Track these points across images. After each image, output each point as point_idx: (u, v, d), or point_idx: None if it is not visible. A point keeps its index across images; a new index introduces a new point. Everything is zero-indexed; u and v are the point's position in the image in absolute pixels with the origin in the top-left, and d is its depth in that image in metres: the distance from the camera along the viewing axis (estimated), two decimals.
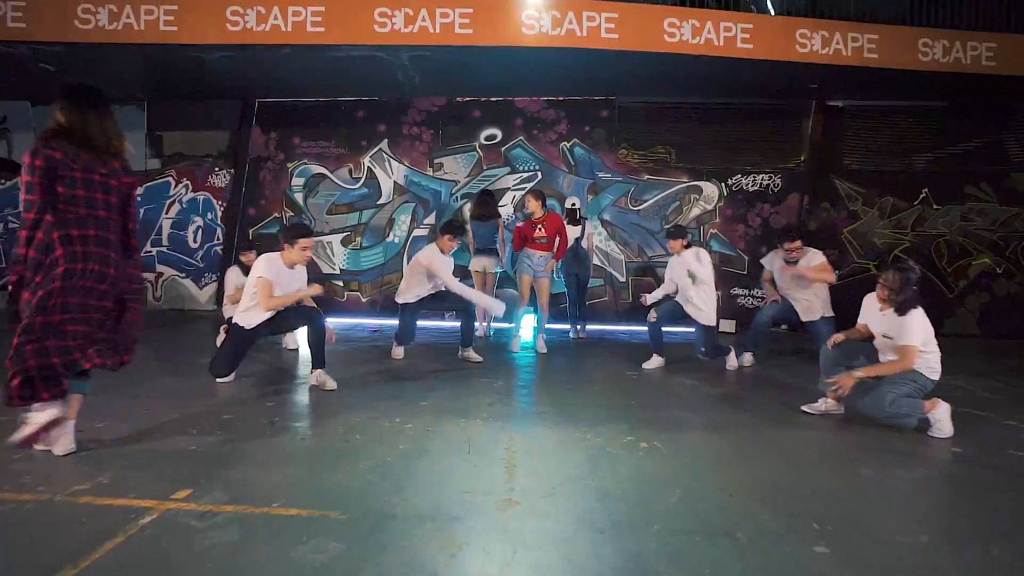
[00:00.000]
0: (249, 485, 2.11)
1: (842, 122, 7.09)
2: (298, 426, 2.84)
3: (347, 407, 3.21)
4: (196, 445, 2.52)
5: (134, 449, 2.46)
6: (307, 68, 6.24)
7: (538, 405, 3.39)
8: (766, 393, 3.79)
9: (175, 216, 7.47)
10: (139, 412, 2.99)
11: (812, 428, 3.04)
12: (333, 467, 2.31)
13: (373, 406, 3.23)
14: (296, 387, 3.70)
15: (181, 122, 7.46)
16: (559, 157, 7.16)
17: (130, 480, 2.12)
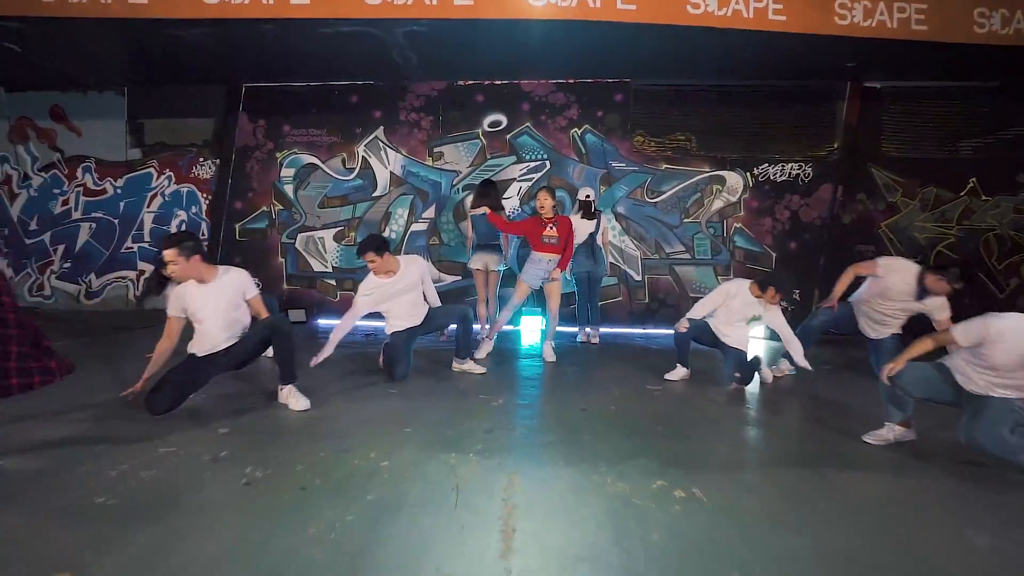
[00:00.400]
0: (151, 563, 1.58)
1: (880, 105, 6.44)
2: (247, 464, 2.31)
3: (315, 435, 2.68)
4: (108, 495, 2.00)
5: (32, 504, 1.94)
6: (295, 48, 5.70)
7: (544, 432, 2.84)
8: (817, 416, 3.21)
9: (157, 210, 6.99)
10: (60, 442, 2.48)
11: (890, 470, 2.47)
12: (274, 532, 1.78)
13: (346, 434, 2.70)
14: (261, 407, 3.17)
15: (163, 109, 6.96)
16: (569, 145, 6.58)
17: (5, 554, 1.60)
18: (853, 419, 3.07)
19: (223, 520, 1.86)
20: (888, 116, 6.46)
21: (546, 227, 4.58)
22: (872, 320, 3.99)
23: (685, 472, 2.31)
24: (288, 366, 3.19)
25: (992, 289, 6.34)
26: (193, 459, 2.33)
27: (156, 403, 2.90)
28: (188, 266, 2.97)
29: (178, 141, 6.98)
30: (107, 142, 6.98)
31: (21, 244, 7.06)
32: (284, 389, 3.20)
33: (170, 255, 2.92)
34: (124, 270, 7.02)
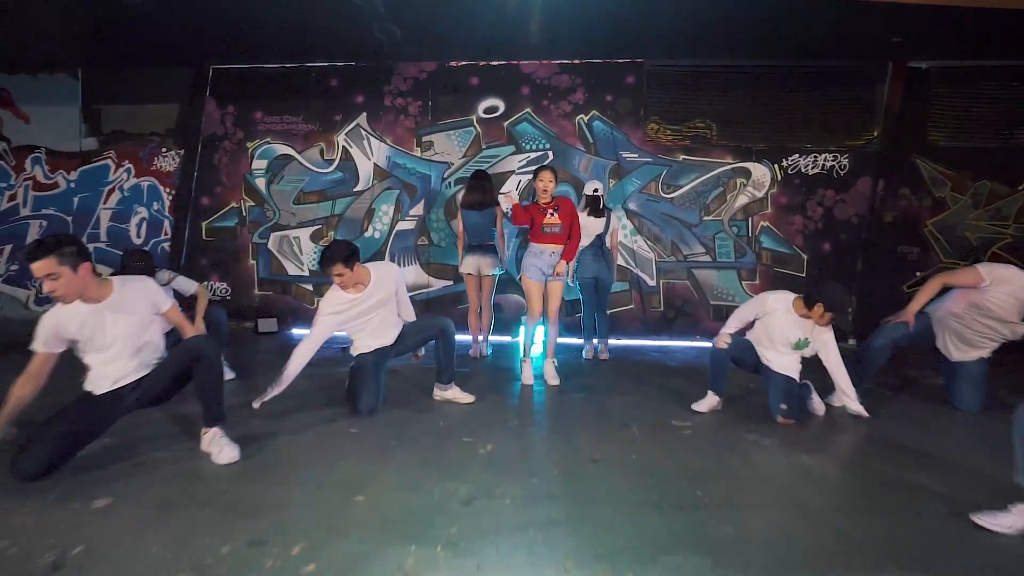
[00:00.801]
0: None
1: (926, 88, 5.68)
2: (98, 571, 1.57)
3: (226, 510, 1.95)
4: None
5: None
6: (263, 20, 4.98)
7: (546, 503, 2.11)
8: (902, 475, 2.46)
9: (115, 206, 6.26)
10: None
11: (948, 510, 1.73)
12: None
13: (272, 505, 1.98)
14: (171, 460, 2.44)
15: (123, 94, 6.24)
16: (574, 133, 5.84)
17: None
18: (949, 479, 2.34)
19: None
20: (935, 100, 5.70)
21: (546, 213, 3.87)
22: (961, 339, 3.25)
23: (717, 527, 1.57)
24: (214, 404, 2.46)
25: None
26: (32, 558, 1.60)
27: (26, 465, 2.14)
28: (75, 280, 2.24)
29: (139, 129, 6.26)
30: (59, 130, 6.27)
31: None
32: (208, 433, 2.47)
33: (46, 267, 2.18)
34: None
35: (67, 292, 2.24)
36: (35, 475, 2.14)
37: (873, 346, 3.43)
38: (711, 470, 2.43)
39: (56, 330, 2.26)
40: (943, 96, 5.70)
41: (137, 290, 2.45)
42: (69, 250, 2.21)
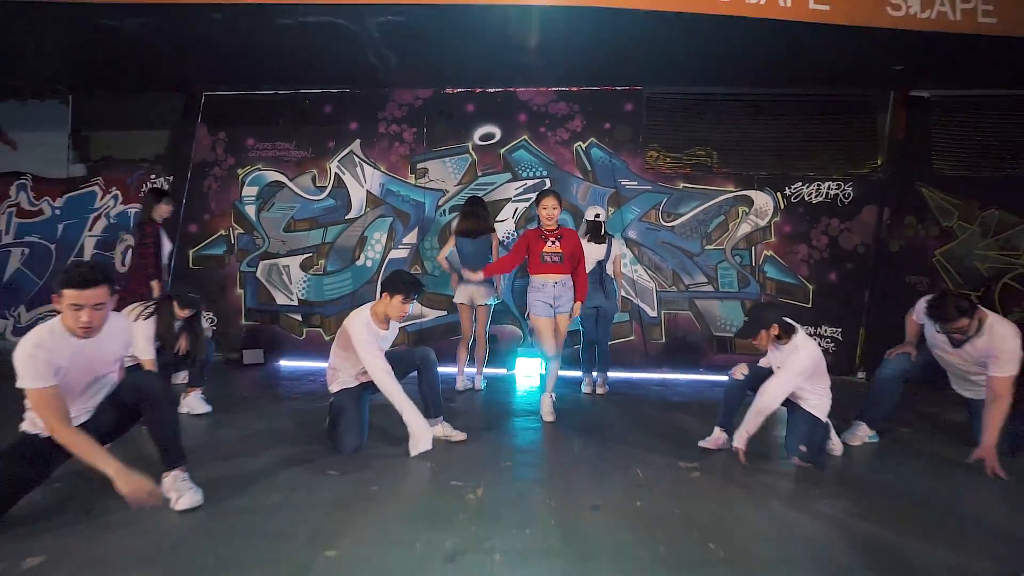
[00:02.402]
0: None
1: (929, 116, 5.61)
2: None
3: (173, 568, 1.69)
4: None
5: None
6: (254, 46, 4.92)
7: (541, 560, 1.85)
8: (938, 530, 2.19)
9: (101, 234, 6.09)
10: None
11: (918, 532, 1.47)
12: None
13: (232, 563, 1.72)
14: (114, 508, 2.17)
15: (113, 120, 6.15)
16: (572, 161, 5.73)
17: None
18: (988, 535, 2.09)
19: None
20: (939, 128, 5.62)
21: (546, 241, 3.67)
22: (956, 375, 3.03)
23: None
24: (172, 445, 2.21)
25: None
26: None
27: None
28: (108, 312, 2.06)
29: (128, 155, 6.15)
30: (47, 156, 6.15)
31: None
32: (168, 476, 2.21)
33: (100, 295, 1.98)
34: None
35: (100, 325, 2.04)
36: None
37: (881, 378, 3.20)
38: (723, 519, 2.18)
39: (49, 360, 2.00)
40: (947, 124, 5.63)
41: (119, 327, 2.24)
42: (111, 278, 2.03)
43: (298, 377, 4.96)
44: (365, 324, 2.89)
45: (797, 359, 2.73)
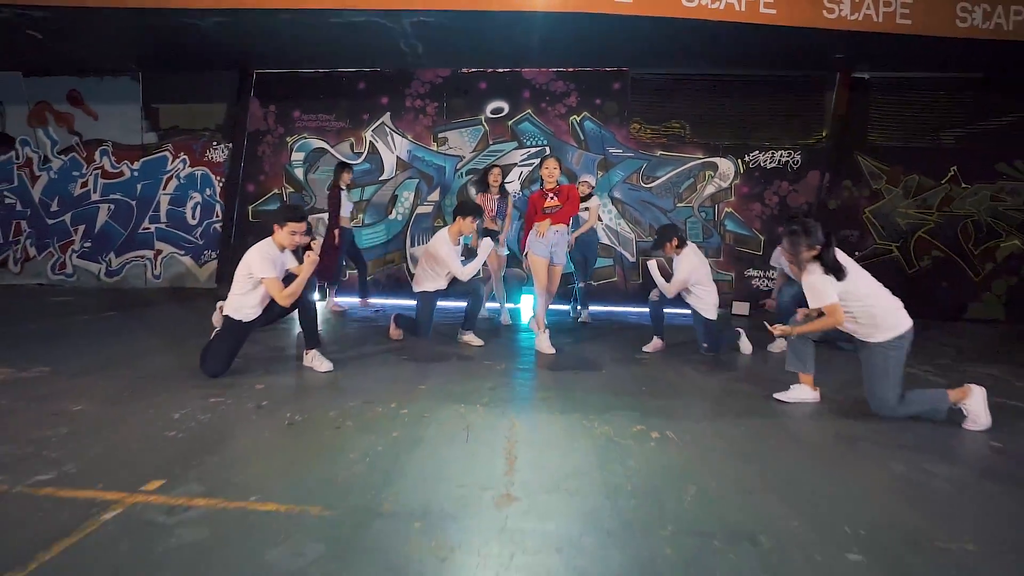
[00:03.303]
0: (227, 476, 1.95)
1: (867, 95, 6.73)
2: (287, 411, 2.67)
3: (340, 391, 3.04)
4: (177, 430, 2.36)
5: (110, 434, 2.31)
6: (306, 36, 5.97)
7: (541, 390, 3.21)
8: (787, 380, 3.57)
9: (173, 192, 7.29)
10: (123, 393, 2.84)
11: (837, 418, 2.84)
12: (319, 457, 2.15)
13: (368, 390, 3.07)
14: (289, 369, 3.53)
15: (177, 94, 7.23)
16: (568, 131, 6.87)
17: (99, 469, 1.97)
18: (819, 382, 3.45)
19: (277, 447, 2.24)
20: (875, 106, 6.75)
21: (547, 198, 4.33)
22: None
23: (662, 420, 2.67)
24: (312, 331, 3.53)
25: (968, 273, 6.69)
26: (240, 406, 2.70)
27: (211, 367, 3.22)
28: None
29: (192, 125, 7.26)
30: (123, 126, 7.26)
31: (43, 224, 7.37)
32: (309, 353, 3.55)
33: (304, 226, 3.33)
34: (142, 249, 7.34)
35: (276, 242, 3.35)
36: (216, 374, 3.22)
37: (780, 302, 4.52)
38: (654, 379, 3.53)
39: (273, 262, 3.27)
40: (881, 102, 6.75)
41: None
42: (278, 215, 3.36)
43: (348, 308, 6.29)
44: (445, 241, 4.21)
45: (681, 265, 4.05)
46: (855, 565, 1.53)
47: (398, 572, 1.44)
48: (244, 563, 1.45)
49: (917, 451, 2.39)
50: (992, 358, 4.45)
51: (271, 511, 1.71)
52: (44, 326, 4.66)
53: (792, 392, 3.10)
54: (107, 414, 2.53)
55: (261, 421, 2.52)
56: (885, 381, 2.71)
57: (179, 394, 2.85)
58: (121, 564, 1.43)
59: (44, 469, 1.94)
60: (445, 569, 1.46)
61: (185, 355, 3.68)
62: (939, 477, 2.13)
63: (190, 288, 7.24)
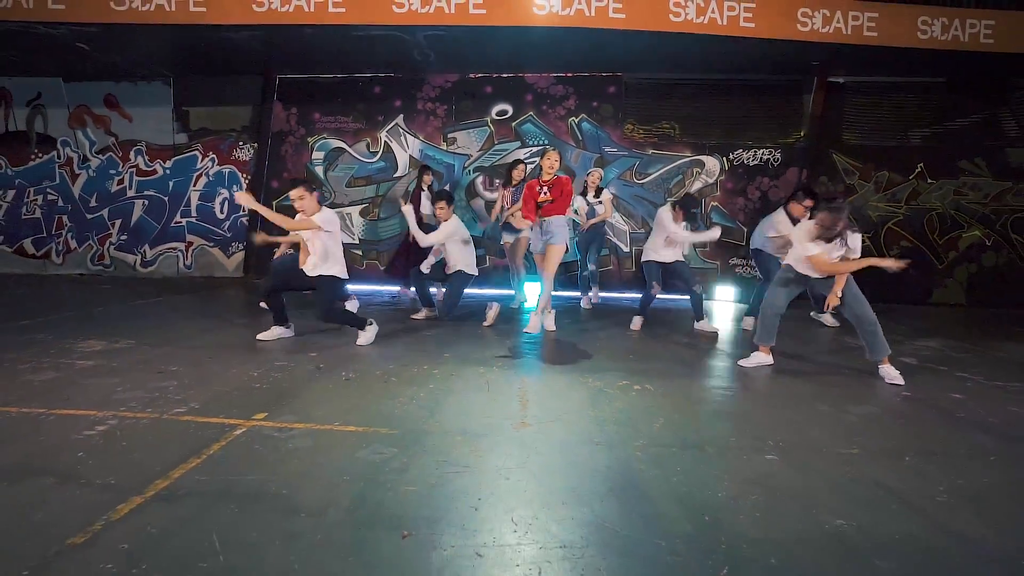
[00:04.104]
0: (311, 410, 2.59)
1: (842, 98, 7.32)
2: (341, 371, 3.31)
3: (381, 357, 3.69)
4: (260, 383, 3.01)
5: (211, 385, 2.95)
6: (327, 46, 6.55)
7: (547, 357, 3.85)
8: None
9: (202, 188, 7.90)
10: (203, 359, 3.48)
11: (786, 377, 3.48)
12: (376, 399, 2.79)
13: (403, 356, 3.71)
14: (333, 344, 4.16)
15: (206, 98, 7.82)
16: (567, 132, 7.47)
17: (215, 407, 2.61)
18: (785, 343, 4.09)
19: (341, 394, 2.88)
20: (849, 108, 7.35)
21: (541, 191, 4.38)
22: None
23: (644, 377, 3.32)
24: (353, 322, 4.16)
25: (933, 261, 7.32)
26: (301, 368, 3.34)
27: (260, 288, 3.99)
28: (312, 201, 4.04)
29: (219, 127, 7.86)
30: (156, 127, 7.85)
31: (83, 219, 7.99)
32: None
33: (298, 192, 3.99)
34: (174, 242, 7.96)
35: (307, 208, 3.95)
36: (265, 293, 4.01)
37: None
38: (642, 349, 4.17)
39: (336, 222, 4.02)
40: (855, 105, 7.35)
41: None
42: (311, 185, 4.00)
43: (368, 294, 6.91)
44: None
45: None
46: (769, 462, 2.17)
47: (450, 463, 2.08)
48: (343, 458, 2.10)
49: (843, 398, 3.04)
50: (939, 334, 5.10)
51: (351, 431, 2.36)
52: (109, 308, 5.30)
53: (752, 358, 3.75)
54: (201, 373, 3.17)
55: (323, 377, 3.17)
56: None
57: (249, 360, 3.49)
58: (260, 457, 2.08)
59: (176, 406, 2.59)
60: (483, 462, 2.10)
61: (235, 332, 4.31)
62: (852, 414, 2.78)
63: (220, 277, 7.87)
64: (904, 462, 2.19)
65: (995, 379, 3.51)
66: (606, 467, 2.09)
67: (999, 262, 7.28)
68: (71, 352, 3.53)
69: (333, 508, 1.74)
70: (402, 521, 1.68)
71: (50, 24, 5.88)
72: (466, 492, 1.87)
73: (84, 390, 2.79)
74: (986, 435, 2.55)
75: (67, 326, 4.35)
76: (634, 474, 2.04)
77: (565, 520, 1.71)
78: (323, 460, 2.07)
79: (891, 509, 1.83)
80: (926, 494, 1.94)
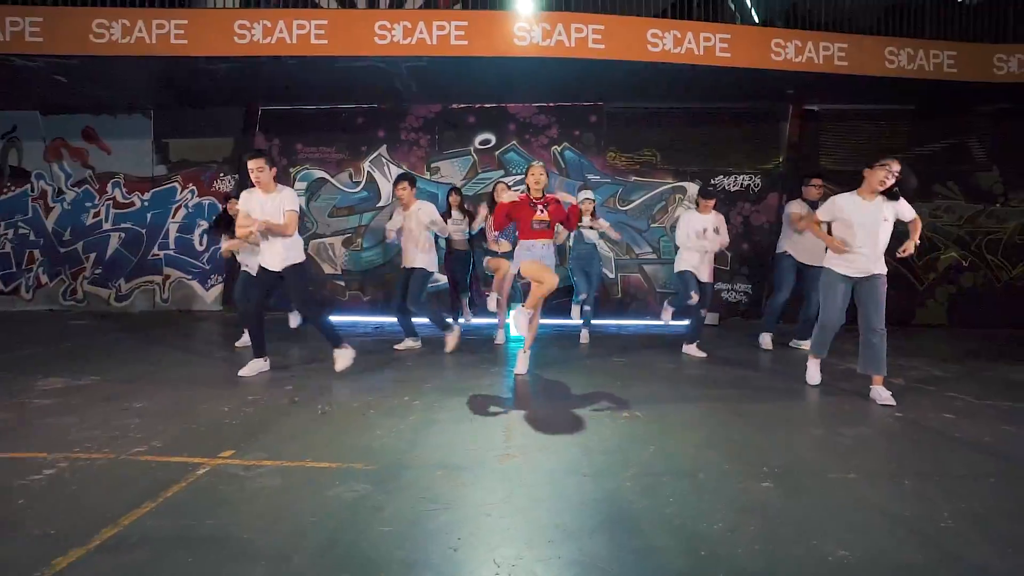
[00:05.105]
0: (283, 446, 2.45)
1: (818, 125, 7.50)
2: (317, 404, 3.17)
3: (360, 389, 3.54)
4: (230, 419, 2.85)
5: (177, 422, 2.79)
6: (309, 78, 6.57)
7: (533, 385, 3.74)
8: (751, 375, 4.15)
9: (181, 220, 7.77)
10: (172, 395, 3.31)
11: (777, 399, 3.40)
12: (353, 433, 2.65)
13: (383, 388, 3.57)
14: (312, 375, 4.01)
15: (186, 130, 7.76)
16: (551, 160, 7.52)
17: (179, 445, 2.45)
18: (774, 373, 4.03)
19: (316, 427, 2.74)
20: (824, 134, 7.52)
21: (536, 209, 4.05)
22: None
23: (632, 403, 3.22)
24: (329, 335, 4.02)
25: (914, 283, 7.40)
26: (276, 401, 3.19)
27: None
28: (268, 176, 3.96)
29: (200, 158, 7.78)
30: (135, 159, 7.76)
31: (55, 253, 7.78)
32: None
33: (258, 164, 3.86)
34: (151, 275, 7.77)
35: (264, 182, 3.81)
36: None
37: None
38: (629, 375, 4.08)
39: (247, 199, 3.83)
40: (831, 131, 7.52)
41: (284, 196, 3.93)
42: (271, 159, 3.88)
43: (350, 325, 6.76)
44: None
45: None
46: (765, 489, 2.07)
47: (429, 500, 1.95)
48: (313, 497, 1.95)
49: (835, 419, 2.97)
50: (924, 354, 5.09)
51: (324, 467, 2.22)
52: (78, 344, 5.09)
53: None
54: (168, 409, 3.00)
55: (298, 411, 3.02)
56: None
57: (221, 394, 3.33)
58: (224, 498, 1.93)
59: (136, 445, 2.42)
60: (464, 497, 1.98)
61: (209, 366, 4.15)
62: (846, 436, 2.70)
63: (198, 310, 7.66)
64: (904, 485, 2.11)
65: (984, 398, 3.47)
66: (595, 499, 1.97)
67: (976, 282, 7.38)
68: (30, 391, 3.35)
69: (298, 554, 1.60)
70: (374, 566, 1.54)
71: (27, 56, 5.83)
72: (445, 531, 1.73)
73: (36, 431, 2.62)
74: (982, 455, 2.49)
75: (29, 363, 4.15)
76: (624, 506, 1.92)
77: (551, 560, 1.59)
78: (292, 500, 1.93)
79: (895, 537, 1.73)
80: (929, 519, 1.85)
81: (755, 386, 3.75)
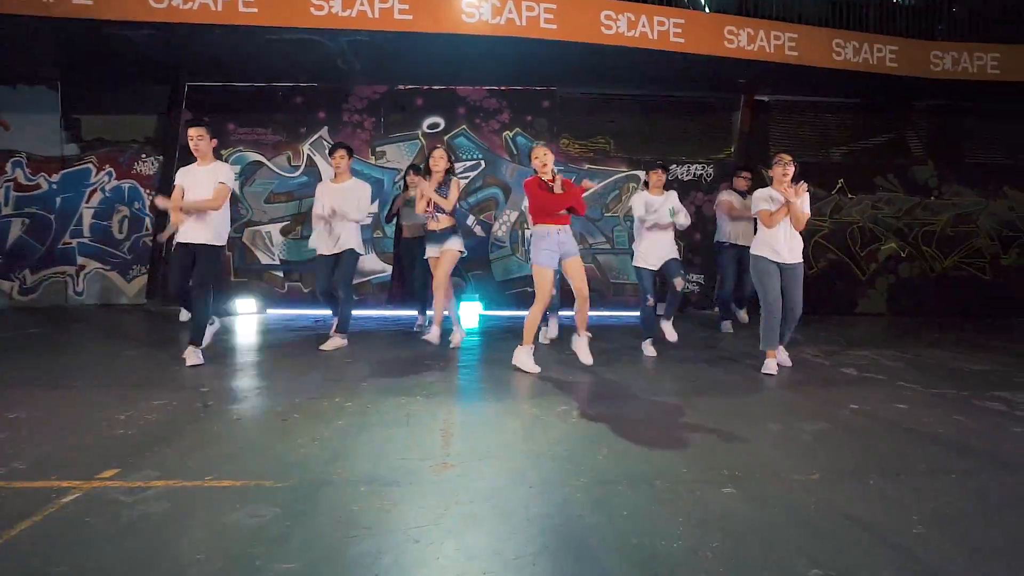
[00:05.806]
0: (181, 462, 2.09)
1: (768, 116, 7.53)
2: (234, 408, 2.80)
3: (286, 391, 3.18)
4: (126, 428, 2.45)
5: (56, 436, 2.37)
6: (240, 51, 6.02)
7: (478, 383, 3.48)
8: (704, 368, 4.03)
9: (97, 205, 7.04)
10: (63, 401, 2.86)
11: (731, 396, 3.28)
12: (268, 443, 2.32)
13: (313, 389, 3.22)
14: (233, 374, 3.61)
15: (102, 106, 7.02)
16: (502, 146, 7.24)
17: (51, 464, 2.05)
18: (728, 363, 3.91)
19: (227, 437, 2.38)
20: (774, 125, 7.57)
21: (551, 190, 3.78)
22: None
23: (584, 402, 3.01)
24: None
25: (857, 273, 7.58)
26: (185, 406, 2.80)
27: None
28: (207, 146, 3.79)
29: (119, 137, 7.06)
30: (40, 137, 6.95)
31: None
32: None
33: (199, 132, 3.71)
34: (62, 265, 7.02)
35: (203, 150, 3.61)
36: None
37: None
38: (582, 372, 3.88)
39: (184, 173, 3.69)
40: (780, 122, 7.58)
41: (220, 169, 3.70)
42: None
43: (289, 319, 6.31)
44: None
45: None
46: (727, 496, 1.89)
47: (347, 524, 1.66)
48: (206, 525, 1.63)
49: (791, 414, 2.85)
50: (870, 343, 5.15)
51: (226, 486, 1.88)
52: None
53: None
54: (49, 420, 2.57)
55: (208, 418, 2.64)
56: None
57: (123, 400, 2.90)
58: (89, 535, 1.57)
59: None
60: (390, 518, 1.70)
61: (121, 368, 3.68)
62: (805, 432, 2.58)
63: (118, 304, 6.98)
64: (868, 486, 1.98)
65: (932, 387, 3.46)
66: (540, 516, 1.74)
67: (913, 273, 7.63)
68: None
69: None
70: None
71: None
72: (361, 564, 1.45)
73: None
74: (940, 448, 2.42)
75: None
76: (573, 523, 1.69)
77: None
78: (177, 532, 1.60)
79: (867, 549, 1.58)
80: (899, 525, 1.71)
81: (710, 379, 3.62)
